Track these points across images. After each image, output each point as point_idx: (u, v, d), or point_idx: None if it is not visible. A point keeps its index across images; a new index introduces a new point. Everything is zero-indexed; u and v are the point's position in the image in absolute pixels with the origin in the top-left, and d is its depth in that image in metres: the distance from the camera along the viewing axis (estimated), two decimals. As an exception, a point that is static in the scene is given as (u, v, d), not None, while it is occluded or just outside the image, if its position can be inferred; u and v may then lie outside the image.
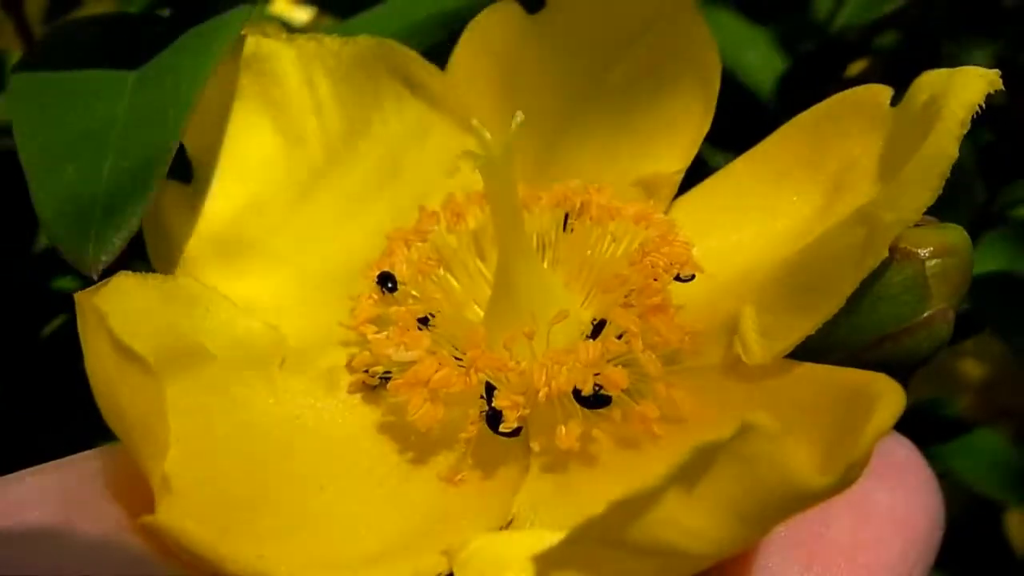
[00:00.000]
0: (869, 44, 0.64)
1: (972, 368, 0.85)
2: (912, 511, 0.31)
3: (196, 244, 0.35)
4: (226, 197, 0.37)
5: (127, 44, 0.38)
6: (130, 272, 0.32)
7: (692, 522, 0.22)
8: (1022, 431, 0.80)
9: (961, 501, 0.71)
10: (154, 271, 0.34)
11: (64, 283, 0.53)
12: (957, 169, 0.28)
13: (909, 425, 0.28)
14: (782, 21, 0.66)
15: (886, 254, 0.28)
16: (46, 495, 0.27)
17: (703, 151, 0.38)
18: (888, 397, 0.25)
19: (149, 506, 0.26)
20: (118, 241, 0.32)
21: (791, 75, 0.62)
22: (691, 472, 0.22)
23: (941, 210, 0.29)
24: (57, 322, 0.52)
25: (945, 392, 0.79)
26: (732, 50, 0.63)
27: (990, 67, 0.29)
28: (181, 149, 0.36)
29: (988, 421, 0.78)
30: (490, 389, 0.32)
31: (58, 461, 0.29)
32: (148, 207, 0.33)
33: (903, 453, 0.32)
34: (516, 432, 0.32)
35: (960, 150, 0.28)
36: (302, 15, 0.81)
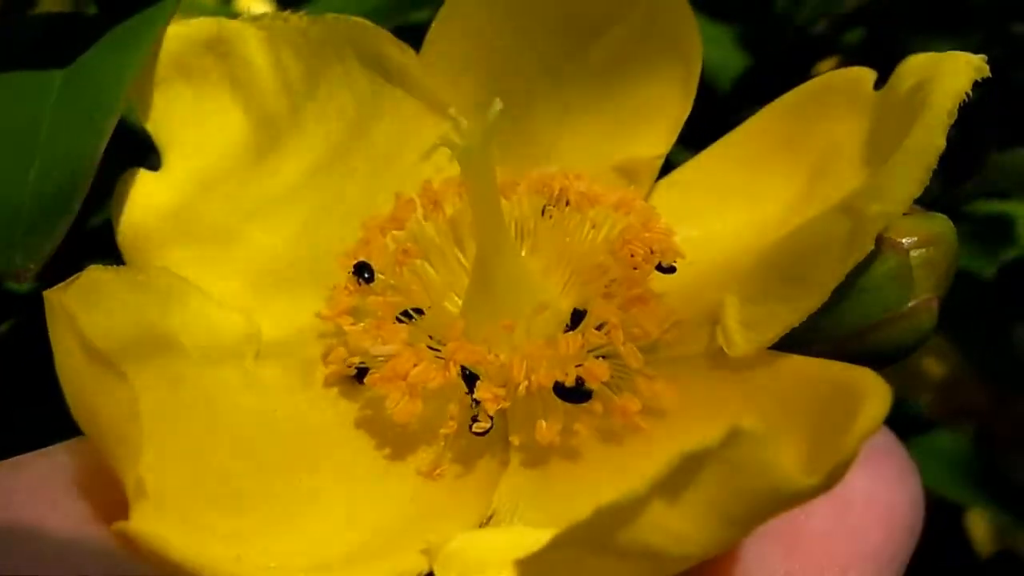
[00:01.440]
0: (835, 42, 0.64)
1: (933, 367, 0.86)
2: (892, 499, 0.31)
3: (167, 233, 0.34)
4: (195, 184, 0.35)
5: (63, 43, 0.37)
6: (101, 266, 0.30)
7: (678, 526, 0.22)
8: (982, 431, 0.81)
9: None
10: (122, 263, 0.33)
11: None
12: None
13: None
14: (745, 19, 0.66)
15: (872, 247, 0.28)
16: (13, 491, 0.26)
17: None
18: (875, 396, 0.25)
19: (120, 501, 0.25)
20: (48, 247, 0.31)
21: (756, 72, 0.62)
22: (678, 478, 0.21)
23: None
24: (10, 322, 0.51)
25: (906, 391, 0.79)
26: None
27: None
28: (147, 135, 0.35)
29: (948, 421, 0.79)
30: (472, 379, 0.31)
31: (24, 456, 0.28)
32: (74, 214, 0.31)
33: (882, 441, 0.32)
34: (490, 431, 0.31)
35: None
36: (264, 8, 0.80)
